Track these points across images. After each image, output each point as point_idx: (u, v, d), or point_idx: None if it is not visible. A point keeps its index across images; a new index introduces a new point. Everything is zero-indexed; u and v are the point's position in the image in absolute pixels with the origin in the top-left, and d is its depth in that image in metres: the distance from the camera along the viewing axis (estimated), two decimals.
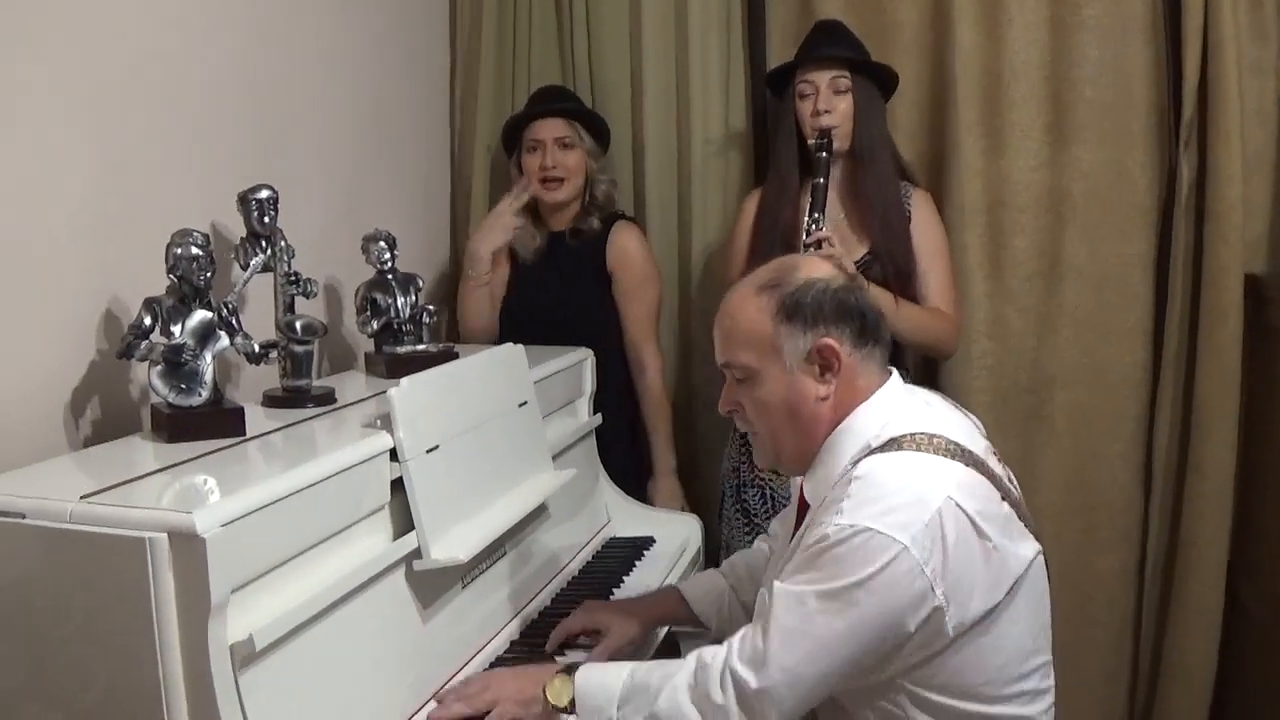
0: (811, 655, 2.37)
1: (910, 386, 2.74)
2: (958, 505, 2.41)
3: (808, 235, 3.69)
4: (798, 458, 2.69)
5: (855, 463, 2.51)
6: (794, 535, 2.69)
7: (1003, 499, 2.54)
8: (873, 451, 2.51)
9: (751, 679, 2.37)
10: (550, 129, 4.31)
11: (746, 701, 2.38)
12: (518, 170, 4.39)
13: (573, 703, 2.54)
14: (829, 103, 3.90)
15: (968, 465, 2.50)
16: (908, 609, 2.36)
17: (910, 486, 2.42)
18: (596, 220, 4.34)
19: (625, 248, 4.32)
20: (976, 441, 2.64)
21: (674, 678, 2.45)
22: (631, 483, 4.20)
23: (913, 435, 2.52)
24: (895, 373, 2.69)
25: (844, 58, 3.94)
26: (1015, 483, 2.70)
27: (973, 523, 2.41)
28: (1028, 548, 2.55)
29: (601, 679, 2.55)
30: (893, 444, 2.50)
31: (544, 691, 2.55)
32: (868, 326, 2.58)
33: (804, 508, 2.71)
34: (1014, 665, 2.52)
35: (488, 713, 2.60)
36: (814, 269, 2.62)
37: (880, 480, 2.43)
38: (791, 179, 3.99)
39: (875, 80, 4.00)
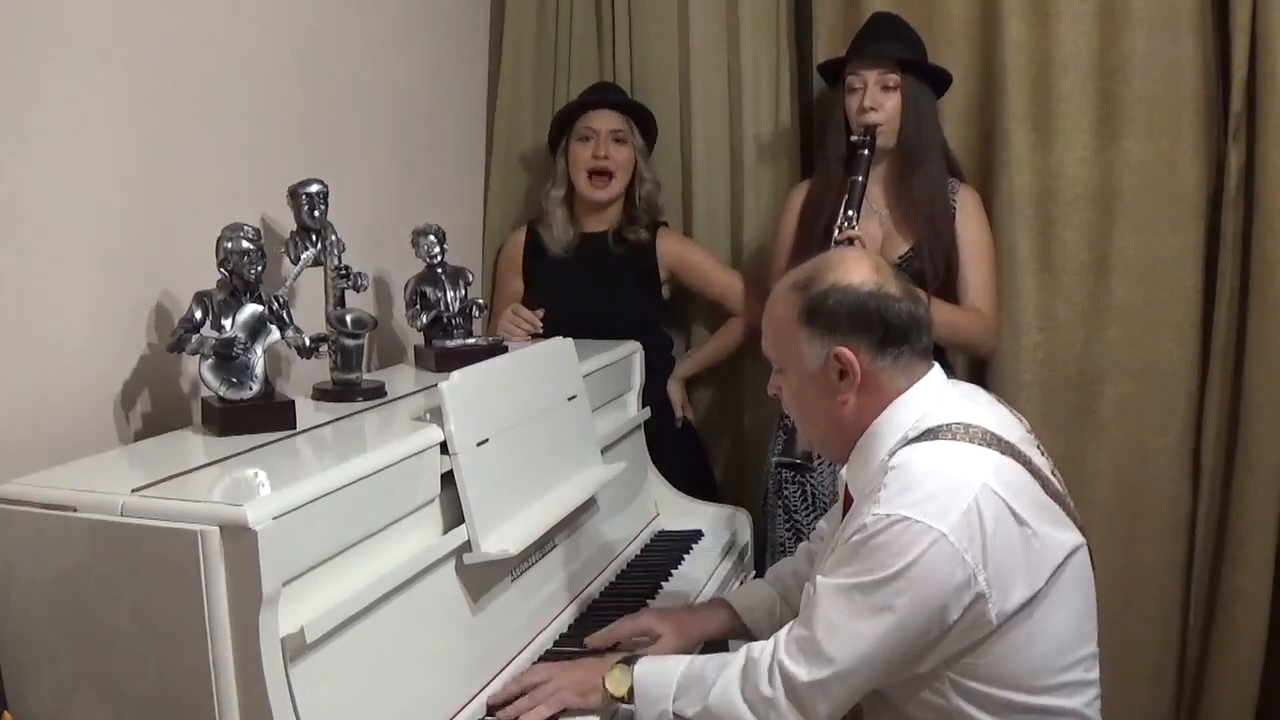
0: (858, 647, 2.38)
1: (953, 381, 2.76)
2: (994, 492, 2.42)
3: (839, 233, 3.70)
4: (828, 448, 2.77)
5: (893, 454, 2.53)
6: (841, 526, 2.70)
7: (1042, 488, 2.56)
8: (909, 442, 2.53)
9: (800, 672, 2.38)
10: (605, 120, 4.32)
11: (795, 694, 2.39)
12: (564, 160, 4.39)
13: (630, 692, 2.57)
14: (875, 99, 3.88)
15: (1004, 454, 2.52)
16: (950, 597, 2.38)
17: (946, 474, 2.44)
18: (644, 229, 4.37)
19: (673, 250, 4.42)
20: (1016, 433, 2.65)
21: (726, 671, 2.48)
22: (679, 478, 4.20)
23: (949, 425, 2.53)
24: (936, 366, 2.69)
25: (893, 56, 3.92)
26: (1059, 477, 2.70)
27: (1010, 509, 2.43)
28: (1069, 537, 2.56)
29: (660, 671, 2.59)
30: (929, 434, 2.52)
31: (603, 681, 2.59)
32: (890, 334, 2.57)
33: (849, 501, 2.74)
34: (1058, 655, 2.53)
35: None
36: (849, 272, 2.60)
37: (916, 469, 2.45)
38: (838, 172, 3.96)
39: (927, 78, 3.97)
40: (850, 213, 3.74)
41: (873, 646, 2.39)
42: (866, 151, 3.83)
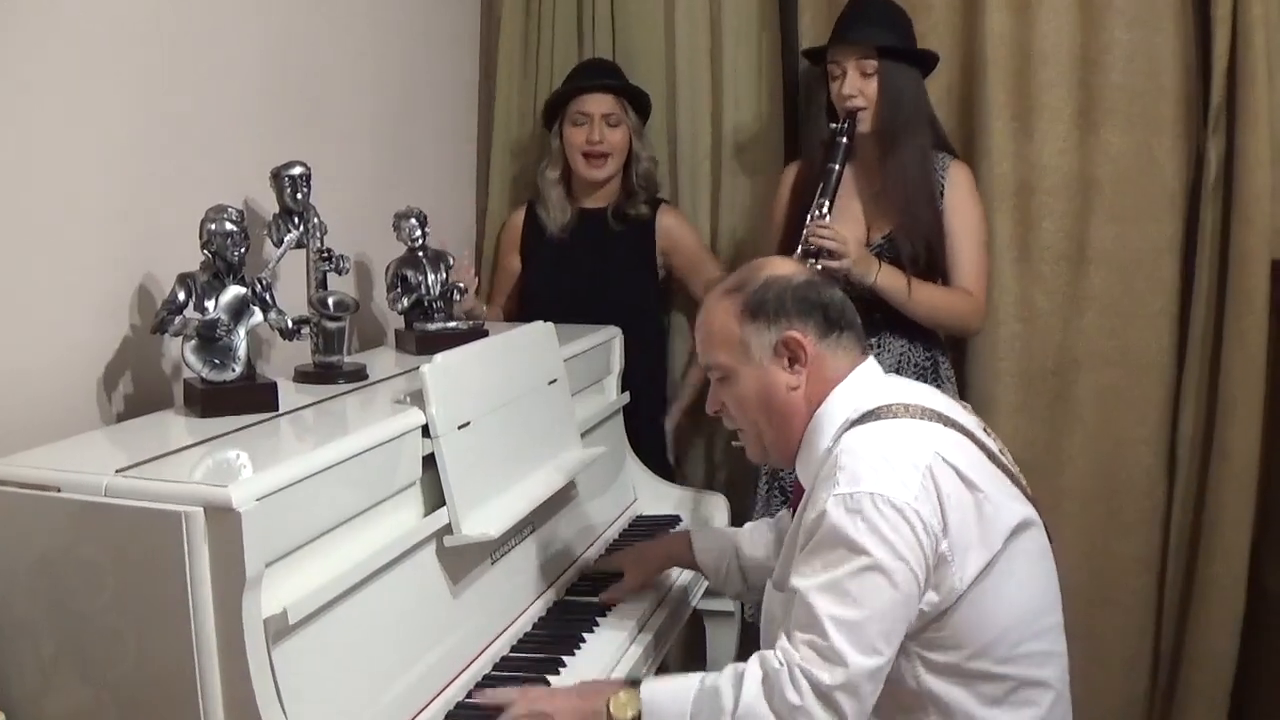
0: (872, 633, 2.39)
1: (890, 375, 2.85)
2: (944, 460, 2.49)
3: (810, 222, 3.71)
4: (781, 449, 2.78)
5: (837, 439, 2.58)
6: (794, 519, 2.74)
7: (988, 460, 2.62)
8: (853, 425, 2.58)
9: (825, 675, 2.38)
10: (599, 104, 4.30)
11: (823, 696, 2.38)
12: (558, 141, 4.38)
13: (638, 716, 2.53)
14: (854, 86, 3.85)
15: (948, 427, 2.59)
16: (924, 563, 2.42)
17: (897, 448, 2.50)
18: (644, 204, 4.35)
19: (672, 228, 4.38)
20: (958, 412, 2.72)
21: (745, 685, 2.44)
22: (658, 462, 4.21)
23: (889, 405, 2.60)
24: (871, 356, 2.77)
25: (873, 41, 3.89)
26: (1008, 456, 2.77)
27: (960, 475, 2.49)
28: (1020, 507, 2.62)
29: (671, 691, 2.54)
30: (871, 415, 2.58)
31: (607, 706, 2.54)
32: (831, 316, 2.68)
33: (799, 492, 2.79)
34: (1023, 623, 2.57)
35: None
36: (776, 268, 2.75)
37: (868, 448, 2.50)
38: (824, 156, 3.96)
39: (910, 60, 3.93)
40: (823, 200, 3.75)
41: (882, 628, 2.41)
42: (845, 140, 3.82)
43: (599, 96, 4.32)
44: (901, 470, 2.45)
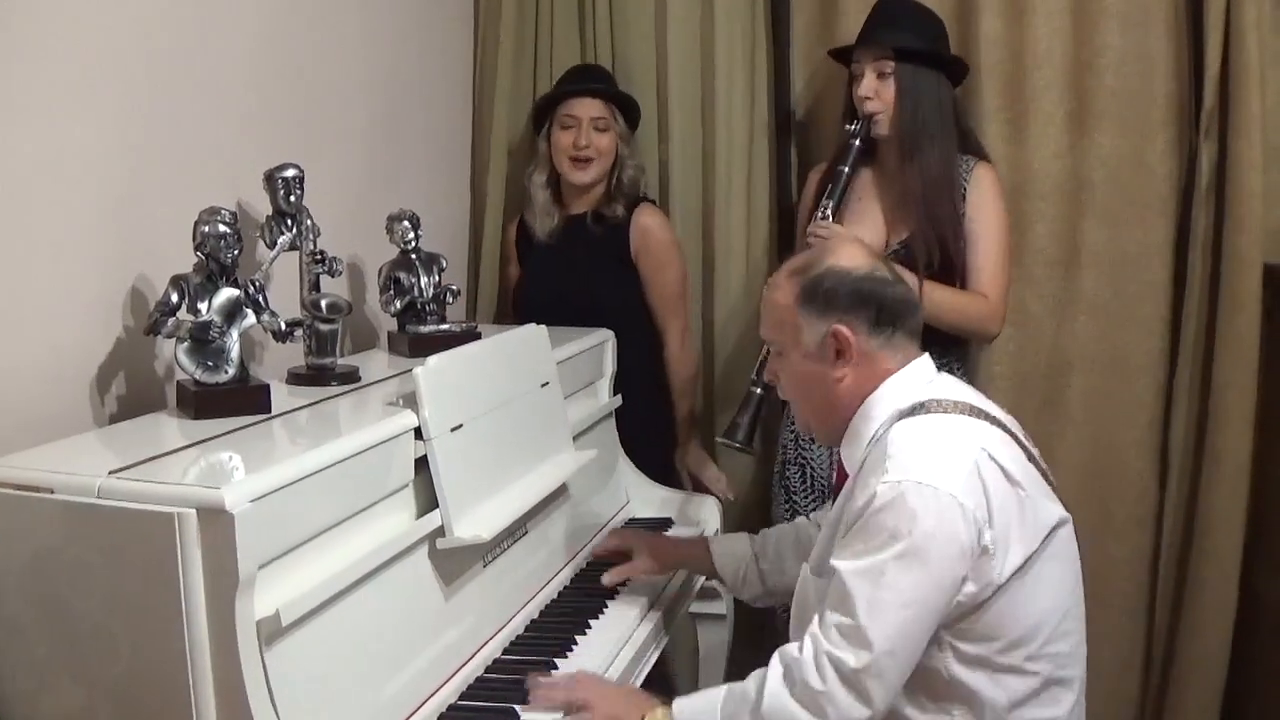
0: (903, 620, 2.42)
1: (943, 374, 2.84)
2: (990, 456, 2.53)
3: (814, 223, 3.75)
4: (825, 430, 2.84)
5: (886, 429, 2.61)
6: (835, 505, 2.77)
7: (1028, 461, 2.66)
8: (902, 416, 2.61)
9: (850, 658, 2.40)
10: (587, 108, 4.29)
11: (849, 681, 2.41)
12: (546, 144, 4.37)
13: None
14: (870, 88, 3.85)
15: (993, 425, 2.63)
16: (967, 555, 2.45)
17: (946, 441, 2.55)
18: (621, 207, 4.33)
19: (647, 228, 4.32)
20: (1001, 413, 2.75)
21: (769, 682, 2.49)
22: (651, 466, 4.22)
23: (939, 400, 2.64)
24: (926, 354, 2.78)
25: (889, 43, 3.86)
26: (1042, 462, 2.78)
27: (1005, 472, 2.53)
28: (1056, 508, 2.65)
29: (701, 699, 2.60)
30: (920, 409, 2.62)
31: None
32: (884, 314, 2.68)
33: (843, 478, 2.80)
34: (1052, 623, 2.60)
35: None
36: (843, 257, 2.73)
37: (917, 439, 2.54)
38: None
39: (933, 64, 3.89)
40: (828, 201, 3.75)
41: (915, 615, 2.43)
42: (857, 142, 3.83)
43: (588, 101, 4.31)
44: (950, 462, 2.49)
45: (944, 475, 2.45)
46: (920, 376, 2.72)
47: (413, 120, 4.38)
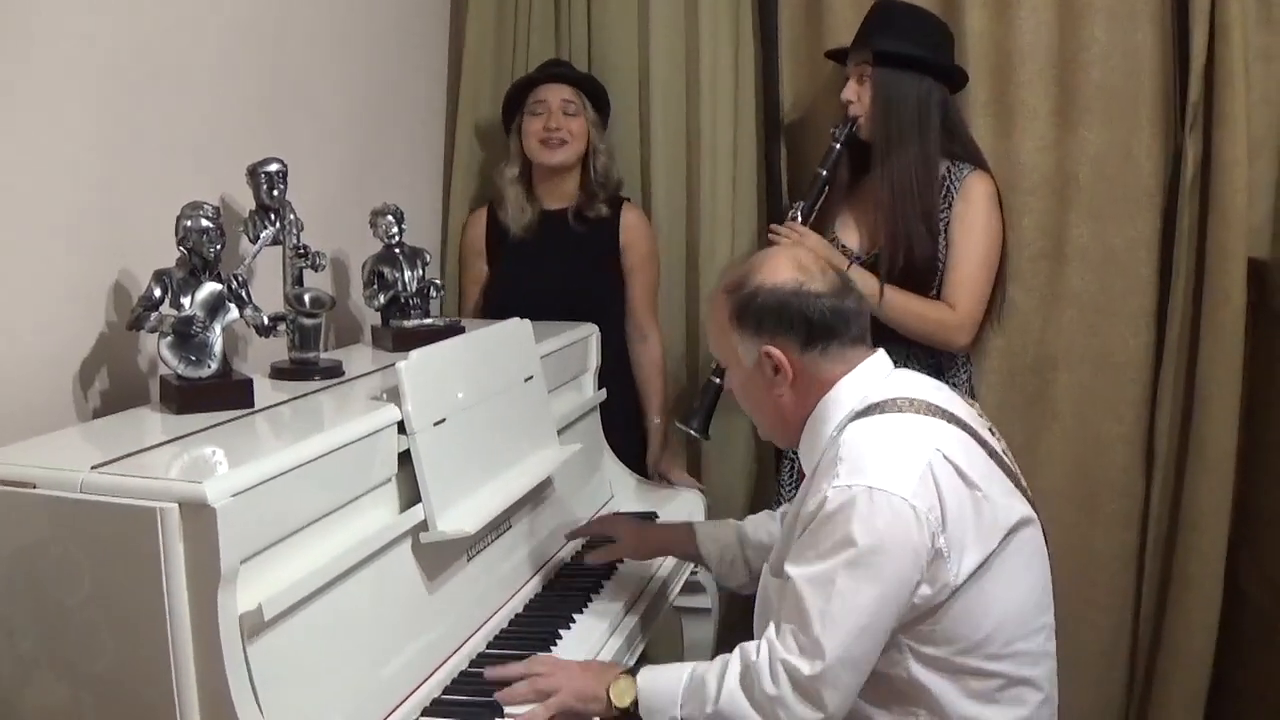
0: (856, 628, 2.42)
1: (901, 369, 2.84)
2: (945, 457, 2.51)
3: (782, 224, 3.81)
4: (780, 436, 2.89)
5: (840, 430, 2.60)
6: (792, 505, 2.78)
7: (989, 459, 2.64)
8: (856, 417, 2.60)
9: (804, 666, 2.41)
10: (555, 93, 4.30)
11: (801, 688, 2.42)
12: (517, 137, 4.37)
13: (635, 704, 2.59)
14: (851, 91, 3.87)
15: (950, 423, 2.61)
16: (920, 559, 2.44)
17: (899, 443, 2.53)
18: (604, 205, 4.33)
19: (636, 224, 4.36)
20: (964, 411, 2.74)
21: (727, 676, 2.50)
22: (634, 459, 4.22)
23: (894, 400, 2.62)
24: (880, 350, 2.78)
25: (870, 46, 3.88)
26: (1010, 457, 2.78)
27: (960, 472, 2.51)
28: (1020, 506, 2.64)
29: (665, 680, 2.60)
30: (874, 409, 2.60)
31: (607, 691, 2.60)
32: (815, 330, 2.66)
33: (802, 478, 2.82)
34: (1014, 623, 2.59)
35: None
36: (773, 272, 2.71)
37: (869, 441, 2.53)
38: (842, 158, 3.99)
39: (915, 68, 3.87)
40: (800, 202, 3.78)
41: (867, 622, 2.43)
42: (838, 145, 3.86)
43: (556, 86, 4.32)
44: (902, 465, 2.47)
45: (895, 478, 2.44)
46: (875, 374, 2.71)
47: (398, 114, 4.39)
